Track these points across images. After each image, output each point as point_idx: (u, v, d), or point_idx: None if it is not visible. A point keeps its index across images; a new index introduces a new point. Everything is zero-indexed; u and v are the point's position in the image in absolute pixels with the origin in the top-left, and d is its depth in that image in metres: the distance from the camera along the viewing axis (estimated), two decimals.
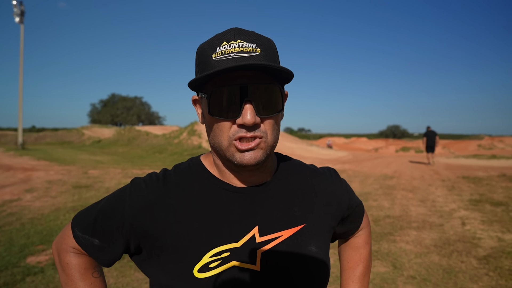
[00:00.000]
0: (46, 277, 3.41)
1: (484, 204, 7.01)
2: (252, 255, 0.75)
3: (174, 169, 0.85)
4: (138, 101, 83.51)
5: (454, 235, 5.00)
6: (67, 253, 0.83)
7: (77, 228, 0.81)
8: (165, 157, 19.45)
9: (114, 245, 0.79)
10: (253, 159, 0.71)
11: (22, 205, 6.62)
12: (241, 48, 0.69)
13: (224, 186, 0.80)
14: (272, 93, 0.72)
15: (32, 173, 11.17)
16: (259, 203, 0.79)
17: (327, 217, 0.85)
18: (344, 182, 0.94)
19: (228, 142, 0.72)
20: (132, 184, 0.81)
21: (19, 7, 27.03)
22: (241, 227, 0.76)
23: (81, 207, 6.40)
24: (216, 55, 0.70)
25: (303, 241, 0.79)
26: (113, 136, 35.54)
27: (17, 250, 4.11)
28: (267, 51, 0.72)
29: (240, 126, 0.70)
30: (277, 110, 0.73)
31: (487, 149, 32.12)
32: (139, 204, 0.77)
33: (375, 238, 4.85)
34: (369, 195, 8.00)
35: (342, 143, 47.28)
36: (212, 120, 0.74)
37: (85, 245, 0.80)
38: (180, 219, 0.76)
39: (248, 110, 0.69)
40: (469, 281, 3.49)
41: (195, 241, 0.74)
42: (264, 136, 0.72)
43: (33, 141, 41.72)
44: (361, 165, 15.36)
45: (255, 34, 0.73)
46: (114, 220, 0.77)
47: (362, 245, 1.00)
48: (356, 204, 0.96)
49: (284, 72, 0.70)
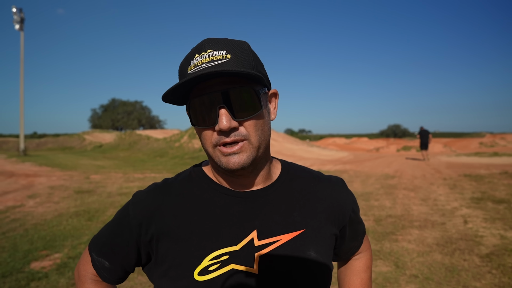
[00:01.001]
0: (50, 282, 3.43)
1: (486, 202, 7.01)
2: (250, 258, 0.76)
3: (175, 178, 0.88)
4: (139, 105, 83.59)
5: (456, 233, 5.01)
6: (86, 280, 0.87)
7: (94, 253, 0.86)
8: (166, 161, 19.47)
9: (126, 261, 0.83)
10: (237, 163, 0.73)
11: (25, 211, 6.65)
12: (211, 57, 0.71)
13: (224, 190, 0.81)
14: (246, 96, 0.73)
15: (34, 179, 11.21)
16: (259, 207, 0.80)
17: (328, 224, 0.85)
18: (351, 193, 0.93)
19: (213, 148, 0.75)
20: (134, 197, 0.84)
21: (19, 15, 27.15)
22: (240, 231, 0.78)
23: (84, 212, 6.43)
24: (190, 68, 0.73)
25: (302, 246, 0.79)
26: (114, 141, 35.59)
27: (21, 256, 4.13)
28: (238, 55, 0.73)
29: (219, 132, 0.73)
30: (254, 111, 0.74)
31: (488, 147, 32.04)
32: (142, 214, 0.80)
33: (377, 237, 4.86)
34: (370, 195, 8.00)
35: (343, 143, 47.21)
36: (197, 130, 0.77)
37: (98, 268, 0.85)
38: (181, 224, 0.78)
39: (223, 116, 0.70)
40: (471, 279, 3.49)
41: (195, 245, 0.76)
42: (247, 139, 0.73)
43: (34, 147, 41.78)
44: (362, 165, 15.34)
45: (226, 41, 0.75)
46: (122, 235, 0.81)
47: (364, 269, 0.99)
48: (359, 219, 0.96)
49: (251, 74, 0.70)
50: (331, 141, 49.86)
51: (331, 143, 46.69)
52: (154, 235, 0.78)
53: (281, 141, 26.68)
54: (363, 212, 6.35)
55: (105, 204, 7.19)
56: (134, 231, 0.79)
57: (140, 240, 0.80)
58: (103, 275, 0.85)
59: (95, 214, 6.28)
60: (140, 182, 10.46)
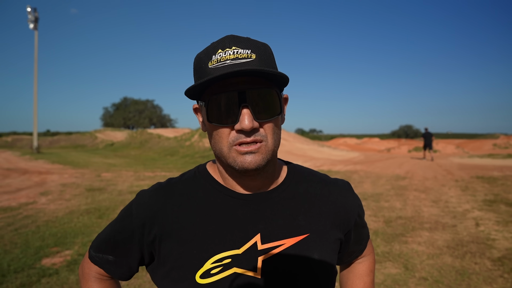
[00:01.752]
0: (60, 279, 3.48)
1: (499, 205, 6.89)
2: (253, 262, 0.75)
3: (179, 178, 0.87)
4: (150, 104, 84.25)
5: (467, 236, 4.93)
6: (89, 278, 0.87)
7: (92, 249, 0.87)
8: (177, 160, 19.59)
9: (129, 258, 0.83)
10: (253, 163, 0.72)
11: (37, 208, 6.77)
12: (236, 54, 0.70)
13: (228, 192, 0.80)
14: (269, 97, 0.73)
15: (47, 176, 11.40)
16: (263, 210, 0.79)
17: (334, 229, 0.84)
18: (357, 197, 0.92)
19: (228, 148, 0.73)
20: (137, 197, 0.84)
21: (33, 14, 27.62)
22: (243, 234, 0.77)
23: (94, 210, 6.51)
24: (212, 63, 0.71)
25: (305, 250, 0.78)
26: (126, 139, 35.97)
27: (33, 252, 4.20)
28: (262, 56, 0.72)
29: (239, 131, 0.71)
30: (275, 114, 0.74)
31: (502, 148, 31.45)
32: (145, 214, 0.80)
33: (386, 239, 4.81)
34: (380, 196, 7.93)
35: (354, 143, 46.85)
36: (212, 127, 0.75)
37: (100, 263, 0.85)
38: (184, 225, 0.78)
39: (246, 115, 0.69)
40: (482, 283, 3.43)
41: (198, 247, 0.76)
42: (264, 140, 0.73)
43: (47, 145, 42.47)
44: (373, 165, 15.20)
45: (250, 40, 0.74)
46: (125, 233, 0.81)
47: (367, 272, 0.98)
48: (364, 223, 0.95)
49: (279, 76, 0.70)
50: (342, 141, 49.55)
51: (342, 143, 46.38)
52: (157, 235, 0.78)
53: (291, 141, 26.61)
54: (373, 213, 6.29)
55: (116, 202, 7.27)
56: (137, 231, 0.80)
57: (143, 240, 0.80)
58: (108, 268, 0.85)
59: (105, 212, 6.35)
60: (150, 181, 10.54)
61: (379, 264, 3.92)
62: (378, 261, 4.00)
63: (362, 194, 8.10)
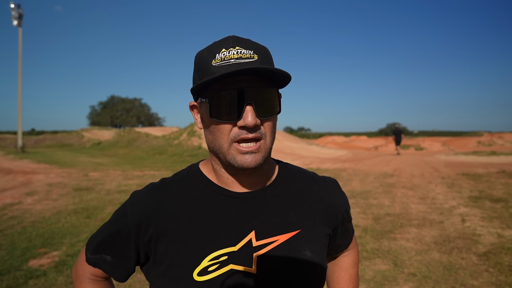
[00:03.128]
0: (48, 280, 3.43)
1: (483, 201, 7.03)
2: (248, 258, 0.78)
3: (173, 178, 0.88)
4: (138, 102, 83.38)
5: (454, 232, 5.02)
6: (83, 280, 0.87)
7: (89, 252, 0.87)
8: (165, 158, 19.45)
9: (126, 259, 0.83)
10: (253, 162, 0.75)
11: (23, 208, 6.64)
12: (239, 54, 0.73)
13: (222, 191, 0.82)
14: (270, 96, 0.76)
15: (32, 176, 11.19)
16: (257, 208, 0.82)
17: (323, 225, 0.87)
18: (344, 194, 0.96)
19: (229, 144, 0.75)
20: (132, 197, 0.85)
21: (17, 10, 27.02)
22: (238, 232, 0.79)
23: (82, 210, 6.42)
24: (215, 61, 0.73)
25: (298, 246, 0.82)
26: (113, 138, 35.52)
27: (19, 254, 4.13)
28: (263, 57, 0.76)
29: (241, 128, 0.73)
30: (275, 112, 0.77)
31: (486, 146, 32.07)
32: (140, 214, 0.80)
33: (375, 236, 4.87)
34: (369, 194, 8.01)
35: (342, 141, 47.16)
36: (213, 124, 0.77)
37: (99, 264, 0.85)
38: (180, 225, 0.79)
39: (250, 112, 0.72)
40: (469, 277, 3.51)
41: (194, 246, 0.78)
42: (264, 138, 0.76)
43: (32, 144, 41.66)
44: (361, 163, 15.35)
45: (252, 42, 0.77)
46: (121, 235, 0.82)
47: (352, 265, 1.04)
48: (350, 218, 0.99)
49: (281, 75, 0.73)
50: (330, 140, 49.80)
51: (330, 141, 46.64)
52: (153, 235, 0.79)
53: (280, 139, 26.66)
54: (362, 211, 6.36)
55: (104, 202, 7.18)
56: (133, 232, 0.80)
57: (139, 241, 0.81)
58: (106, 269, 0.85)
59: (93, 212, 6.28)
60: (139, 180, 10.45)
61: (369, 261, 3.96)
62: (368, 258, 4.05)
63: (350, 192, 8.18)
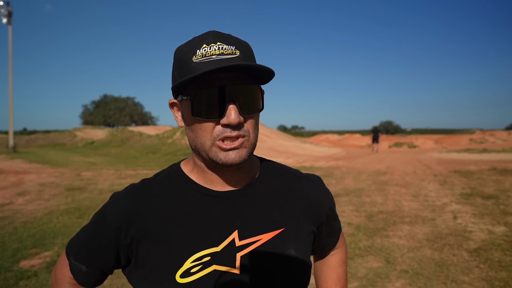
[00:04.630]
0: (39, 281, 3.40)
1: (475, 198, 7.11)
2: (231, 258, 0.76)
3: (153, 178, 0.86)
4: (131, 101, 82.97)
5: (446, 229, 5.07)
6: (63, 284, 0.86)
7: (71, 256, 0.85)
8: (159, 157, 19.37)
9: (105, 264, 0.82)
10: (238, 158, 0.73)
11: (14, 208, 6.57)
12: (221, 50, 0.71)
13: (204, 191, 0.81)
14: (253, 93, 0.74)
15: (24, 176, 11.08)
16: (239, 207, 0.80)
17: (307, 222, 0.86)
18: (328, 191, 0.95)
19: (211, 142, 0.73)
20: (111, 199, 0.83)
21: (6, 8, 26.67)
22: (221, 232, 0.78)
23: (75, 210, 6.37)
24: (196, 58, 0.71)
25: (282, 244, 0.80)
26: (106, 137, 35.29)
27: (10, 254, 4.08)
28: (245, 53, 0.74)
29: (224, 126, 0.72)
30: (258, 110, 0.76)
31: (478, 143, 32.41)
32: (120, 217, 0.78)
33: (368, 233, 4.89)
34: (362, 191, 8.05)
35: (335, 139, 47.30)
36: (195, 122, 0.75)
37: (75, 272, 0.84)
38: (161, 226, 0.77)
39: (233, 110, 0.70)
40: (460, 273, 3.54)
41: (176, 247, 0.76)
42: (247, 135, 0.74)
43: (24, 143, 41.23)
44: (355, 161, 15.42)
45: (233, 37, 0.75)
46: (100, 239, 0.80)
47: (339, 264, 1.02)
48: (336, 216, 0.98)
49: (264, 71, 0.71)
50: (323, 138, 49.92)
51: (324, 139, 46.77)
52: (134, 238, 0.77)
53: (274, 138, 26.69)
54: (355, 208, 6.39)
55: (97, 201, 7.13)
56: (113, 235, 0.79)
57: (120, 244, 0.79)
58: (80, 279, 0.84)
59: (86, 212, 6.23)
60: (132, 179, 10.39)
61: (361, 258, 3.99)
62: (360, 255, 4.07)
63: (344, 190, 8.22)
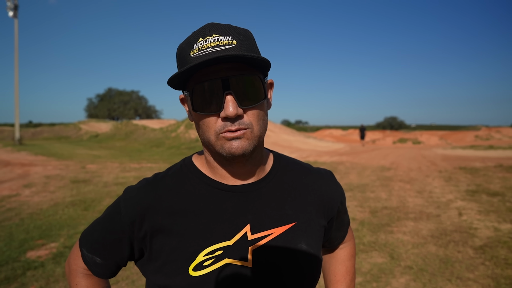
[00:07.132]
0: (46, 271, 3.44)
1: (480, 195, 7.07)
2: (243, 252, 0.77)
3: (166, 172, 0.86)
4: (135, 95, 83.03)
5: (451, 225, 5.05)
6: (77, 274, 0.86)
7: (84, 248, 0.85)
8: (163, 151, 19.43)
9: (119, 256, 0.82)
10: (240, 148, 0.72)
11: (21, 200, 6.63)
12: (217, 42, 0.70)
13: (217, 185, 0.81)
14: (252, 83, 0.72)
15: (30, 168, 11.16)
16: (251, 201, 0.80)
17: (318, 216, 0.86)
18: (339, 185, 0.94)
19: (216, 136, 0.73)
20: (125, 193, 0.83)
21: (12, 1, 26.71)
22: (233, 226, 0.78)
23: (80, 202, 6.42)
24: (193, 52, 0.71)
25: (293, 238, 0.80)
26: (111, 131, 35.42)
27: (17, 245, 4.13)
28: (243, 42, 0.72)
29: (224, 119, 0.71)
30: (259, 100, 0.73)
31: (484, 140, 32.22)
32: (134, 211, 0.79)
33: (372, 229, 4.89)
34: (366, 187, 8.04)
35: (339, 135, 47.20)
36: (198, 117, 0.75)
37: (89, 263, 0.84)
38: (175, 220, 0.78)
39: (230, 102, 0.69)
40: (465, 270, 3.53)
41: (190, 241, 0.76)
42: (250, 127, 0.72)
43: (30, 136, 41.51)
44: (359, 157, 15.38)
45: (230, 27, 0.73)
46: (115, 233, 0.81)
47: (348, 257, 1.02)
48: (345, 210, 0.98)
49: (260, 60, 0.69)
50: (327, 133, 49.84)
51: (327, 134, 46.71)
52: (147, 231, 0.78)
53: (278, 132, 26.66)
54: (359, 204, 6.39)
55: (101, 194, 7.18)
56: (127, 229, 0.79)
57: (133, 237, 0.79)
58: (95, 270, 0.85)
59: (91, 204, 6.27)
60: (136, 172, 10.44)
61: (366, 254, 3.99)
62: (365, 251, 4.07)
63: (348, 185, 8.20)
